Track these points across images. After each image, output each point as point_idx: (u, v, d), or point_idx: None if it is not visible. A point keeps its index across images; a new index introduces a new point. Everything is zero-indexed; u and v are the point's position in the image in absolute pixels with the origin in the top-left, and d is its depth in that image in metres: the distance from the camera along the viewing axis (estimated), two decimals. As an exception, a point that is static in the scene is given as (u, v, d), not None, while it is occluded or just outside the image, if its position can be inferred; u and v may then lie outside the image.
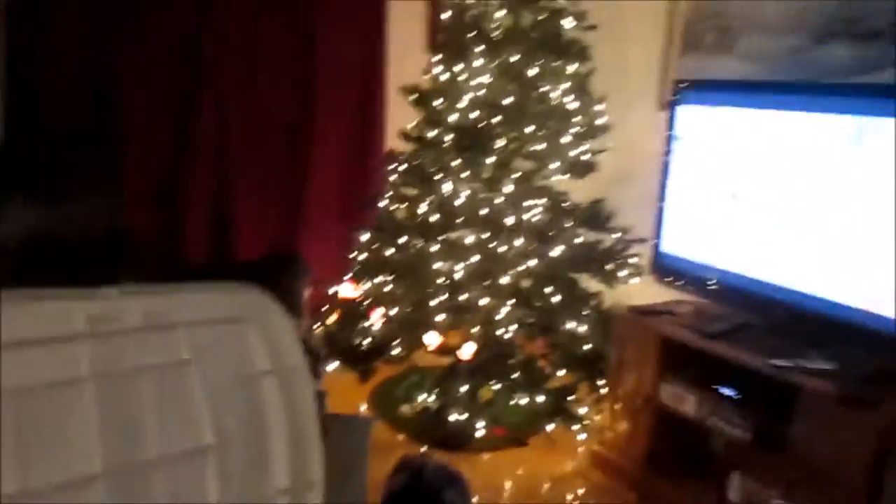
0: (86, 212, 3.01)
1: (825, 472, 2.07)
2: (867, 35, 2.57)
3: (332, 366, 3.25)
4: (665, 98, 3.20)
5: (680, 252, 2.87)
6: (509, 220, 3.00)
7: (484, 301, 3.02)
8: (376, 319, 3.23)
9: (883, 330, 2.16)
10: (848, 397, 2.02)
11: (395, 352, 3.17)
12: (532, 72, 2.99)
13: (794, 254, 2.44)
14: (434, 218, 3.10)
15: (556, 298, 3.05)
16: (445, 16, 3.18)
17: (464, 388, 3.05)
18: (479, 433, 2.99)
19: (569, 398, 3.08)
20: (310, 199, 3.66)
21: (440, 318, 3.06)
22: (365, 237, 3.27)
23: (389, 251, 3.20)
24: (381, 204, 3.30)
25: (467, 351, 3.06)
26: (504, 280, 3.02)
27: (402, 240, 3.17)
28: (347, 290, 3.39)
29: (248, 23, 3.39)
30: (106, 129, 3.21)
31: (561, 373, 3.15)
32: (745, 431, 2.35)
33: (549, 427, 3.05)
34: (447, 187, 3.07)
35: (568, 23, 3.03)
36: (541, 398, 3.04)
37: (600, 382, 3.02)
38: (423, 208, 3.14)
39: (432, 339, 3.12)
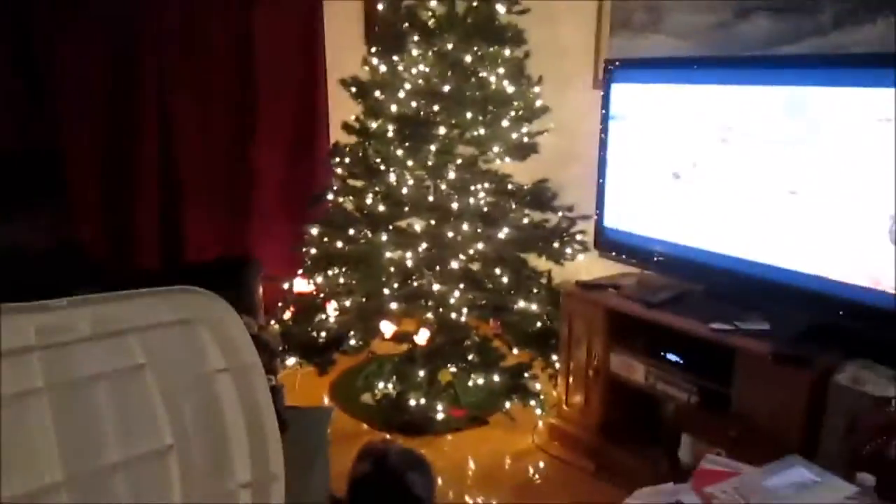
0: (32, 226, 2.97)
1: (765, 427, 2.19)
2: (786, 7, 2.68)
3: (291, 360, 3.28)
4: (600, 77, 3.28)
5: (621, 226, 2.96)
6: (455, 206, 3.05)
7: (436, 287, 3.08)
8: (331, 312, 3.26)
9: (814, 289, 2.28)
10: (782, 356, 2.13)
11: (352, 342, 3.20)
12: (469, 58, 3.04)
13: (729, 221, 2.55)
14: (381, 208, 3.14)
15: (506, 279, 3.12)
16: (381, 7, 3.20)
17: (422, 374, 3.10)
18: (440, 416, 3.06)
19: (524, 375, 3.16)
20: (258, 197, 3.66)
21: (394, 306, 3.10)
22: (315, 231, 3.29)
23: (340, 243, 3.23)
24: (329, 197, 3.33)
25: (423, 336, 3.11)
26: (454, 265, 3.08)
27: (352, 231, 3.20)
28: (301, 284, 3.41)
29: (185, 24, 3.35)
30: (47, 142, 3.15)
31: (515, 351, 3.23)
32: (691, 395, 2.46)
33: (508, 405, 3.13)
34: (392, 177, 3.11)
35: (501, 8, 3.08)
36: (497, 377, 3.11)
37: (554, 358, 3.11)
38: (370, 199, 3.17)
39: (388, 328, 3.16)
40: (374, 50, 3.17)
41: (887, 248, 2.08)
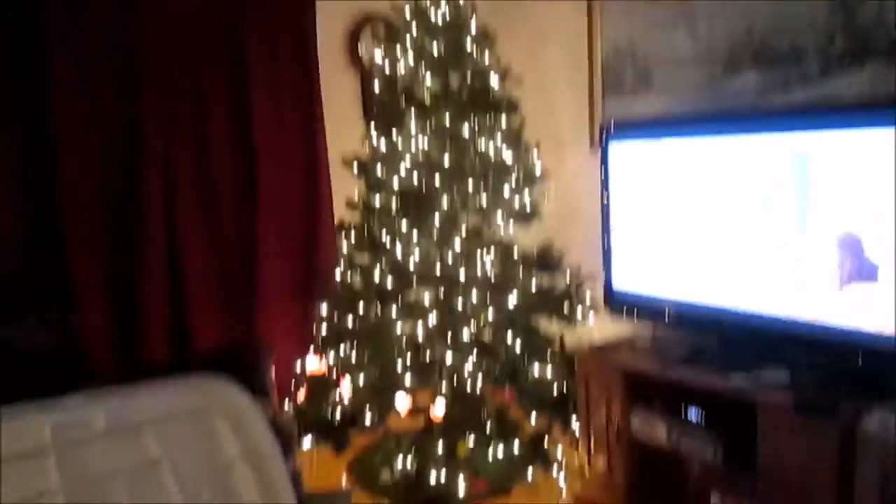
0: (38, 324, 2.97)
1: (795, 481, 2.13)
2: (772, 59, 2.74)
3: (307, 442, 3.23)
4: (596, 139, 3.33)
5: (630, 285, 2.95)
6: (463, 275, 3.06)
7: (448, 357, 3.05)
8: (345, 389, 3.23)
9: (831, 335, 2.26)
10: (805, 406, 2.09)
11: (368, 419, 3.16)
12: (466, 130, 3.09)
13: (739, 274, 2.54)
14: (389, 282, 3.15)
15: (518, 345, 3.10)
16: (377, 86, 3.28)
17: (440, 447, 3.05)
18: (461, 489, 2.99)
19: (544, 443, 3.11)
20: (266, 278, 3.66)
21: (408, 379, 3.07)
22: (324, 309, 3.29)
23: (350, 320, 3.22)
24: (337, 274, 3.34)
25: (439, 409, 3.07)
26: (465, 334, 3.06)
27: (361, 307, 3.20)
28: (313, 363, 3.39)
29: (186, 116, 3.41)
30: (48, 237, 3.16)
31: (533, 418, 3.18)
32: (715, 453, 2.40)
33: (530, 474, 3.06)
34: (398, 250, 3.12)
35: (495, 79, 3.15)
36: (517, 446, 3.05)
37: (573, 423, 3.05)
38: (377, 274, 3.18)
39: (403, 402, 3.13)
40: (372, 127, 3.24)
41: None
